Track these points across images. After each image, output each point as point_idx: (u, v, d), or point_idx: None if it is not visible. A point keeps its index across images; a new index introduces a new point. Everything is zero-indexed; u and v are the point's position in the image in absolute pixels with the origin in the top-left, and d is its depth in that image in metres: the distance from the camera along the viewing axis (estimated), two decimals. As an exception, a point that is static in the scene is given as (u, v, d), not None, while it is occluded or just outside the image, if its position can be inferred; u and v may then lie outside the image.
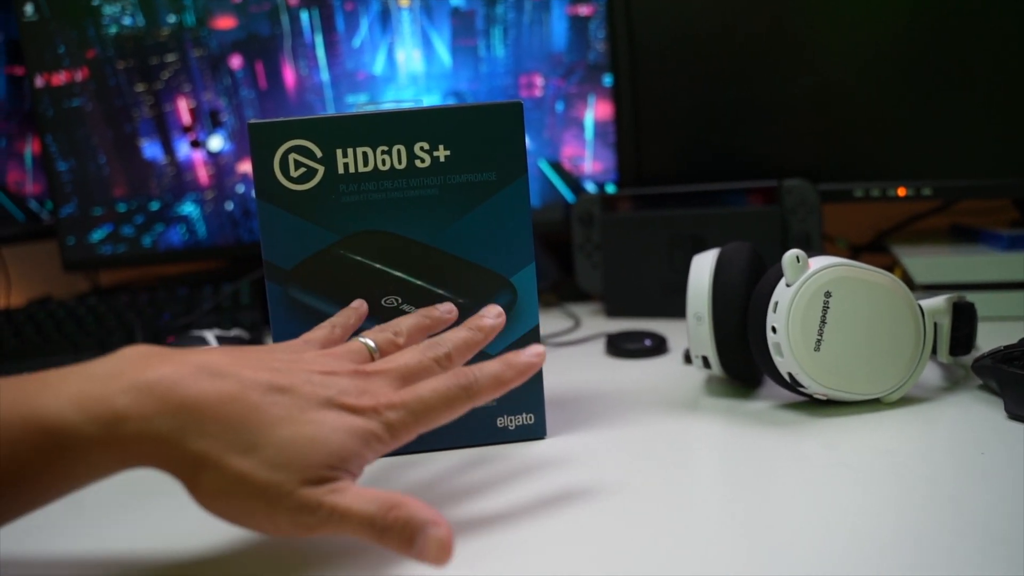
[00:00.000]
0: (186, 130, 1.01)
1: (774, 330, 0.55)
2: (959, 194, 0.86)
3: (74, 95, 1.00)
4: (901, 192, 0.86)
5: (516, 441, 0.56)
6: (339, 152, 0.53)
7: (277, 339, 0.53)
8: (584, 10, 0.97)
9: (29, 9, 0.98)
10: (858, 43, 0.87)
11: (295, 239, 0.53)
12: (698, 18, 0.92)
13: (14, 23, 1.01)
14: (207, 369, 0.39)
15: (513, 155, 0.54)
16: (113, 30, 0.98)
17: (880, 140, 0.88)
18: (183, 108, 1.00)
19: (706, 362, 0.61)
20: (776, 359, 0.55)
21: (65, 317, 0.87)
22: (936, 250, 0.84)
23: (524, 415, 0.56)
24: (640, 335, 0.78)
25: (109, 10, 0.98)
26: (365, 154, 0.53)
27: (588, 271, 0.94)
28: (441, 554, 0.36)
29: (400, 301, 0.54)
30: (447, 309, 0.52)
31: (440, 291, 0.54)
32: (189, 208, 1.02)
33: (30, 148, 1.06)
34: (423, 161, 0.53)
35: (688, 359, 0.71)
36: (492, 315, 0.49)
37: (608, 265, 0.92)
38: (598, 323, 0.90)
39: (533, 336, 0.55)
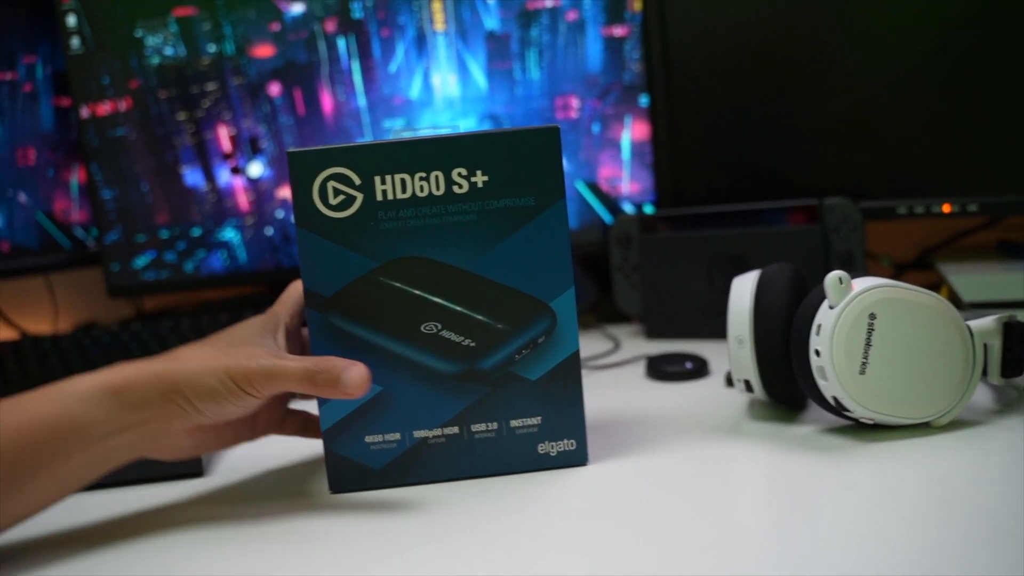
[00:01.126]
0: (226, 157, 1.02)
1: (817, 353, 0.54)
2: (1006, 210, 0.85)
3: (118, 124, 1.02)
4: (946, 209, 0.85)
5: (558, 467, 0.55)
6: (377, 179, 0.53)
7: None
8: (619, 31, 0.96)
9: (75, 42, 1.01)
10: (898, 58, 0.86)
11: (335, 267, 0.53)
12: (733, 36, 0.92)
13: (60, 56, 1.04)
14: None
15: (551, 179, 0.53)
16: (155, 60, 1.00)
17: (923, 155, 0.86)
18: (223, 135, 1.02)
19: (749, 386, 0.60)
20: (820, 383, 0.54)
21: (110, 343, 0.88)
22: (984, 267, 0.82)
23: (566, 441, 0.55)
24: (681, 357, 0.77)
25: (151, 41, 1.00)
26: (403, 181, 0.53)
27: (627, 292, 0.94)
28: (361, 387, 0.49)
29: (440, 327, 0.54)
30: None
31: (479, 316, 0.54)
32: (230, 234, 1.03)
33: (76, 177, 1.08)
34: (461, 187, 0.53)
35: (730, 382, 0.70)
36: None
37: (647, 286, 0.91)
38: (638, 345, 0.89)
39: (573, 361, 0.54)
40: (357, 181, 0.53)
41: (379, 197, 0.53)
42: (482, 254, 0.54)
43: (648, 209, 0.99)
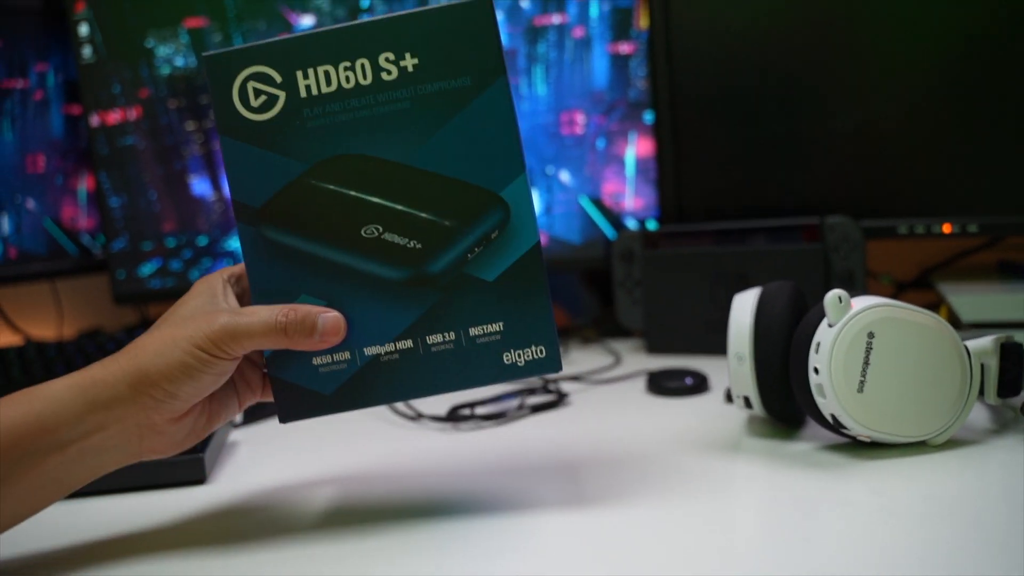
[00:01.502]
0: (234, 167, 1.03)
1: (816, 371, 0.54)
2: (1006, 230, 0.85)
3: (127, 133, 1.03)
4: (946, 229, 0.85)
5: (528, 376, 0.50)
6: (299, 75, 0.50)
7: (254, 286, 0.50)
8: (625, 48, 0.97)
9: (87, 51, 1.02)
10: (900, 79, 0.86)
11: (263, 174, 0.50)
12: (738, 55, 0.93)
13: (72, 65, 1.05)
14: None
15: (488, 56, 0.49)
16: (166, 70, 1.01)
17: (925, 176, 0.87)
18: (231, 146, 1.02)
19: (748, 402, 0.61)
20: (819, 400, 0.55)
21: (115, 350, 0.88)
22: (983, 287, 0.82)
23: (534, 347, 0.50)
24: (681, 373, 0.77)
25: (162, 51, 1.01)
26: (327, 73, 0.50)
27: (629, 307, 0.94)
28: (337, 333, 0.49)
29: (381, 230, 0.50)
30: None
31: (424, 215, 0.50)
32: (236, 243, 1.04)
33: (84, 185, 1.09)
34: (390, 73, 0.49)
35: (729, 398, 0.71)
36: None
37: (649, 302, 0.92)
38: (639, 360, 0.89)
39: (533, 257, 0.50)
40: (278, 79, 0.50)
41: (303, 93, 0.50)
42: (421, 144, 0.50)
43: (651, 225, 1.00)
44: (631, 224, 1.00)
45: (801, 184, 0.92)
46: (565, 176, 0.99)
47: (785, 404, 0.59)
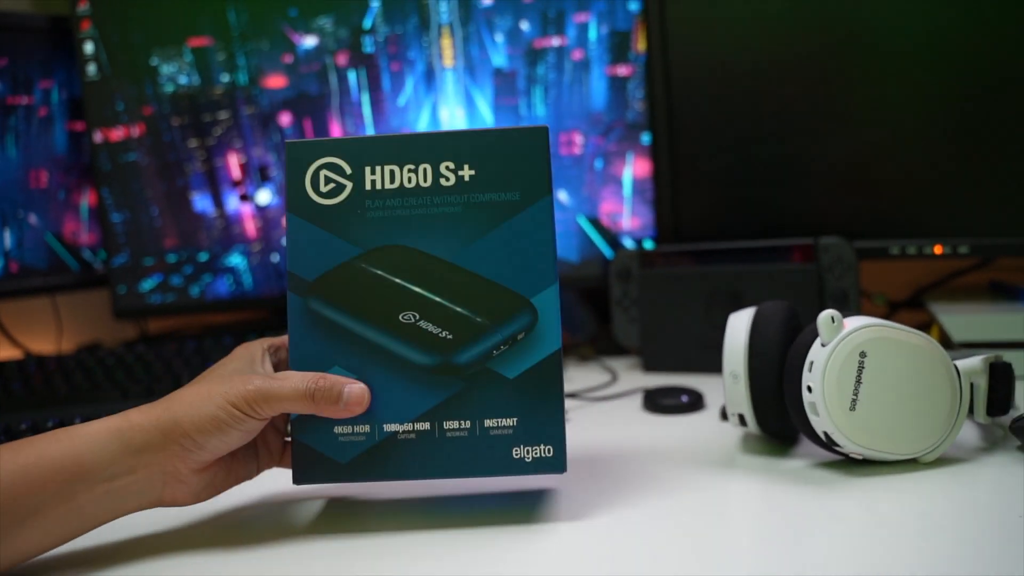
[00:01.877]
0: (236, 184, 1.04)
1: (809, 389, 0.55)
2: (997, 251, 0.87)
3: (130, 150, 1.04)
4: (938, 250, 0.87)
5: (534, 473, 0.52)
6: (367, 169, 0.54)
7: (294, 351, 0.53)
8: (623, 71, 0.99)
9: (92, 69, 1.03)
10: (893, 102, 0.88)
11: (320, 252, 0.54)
12: (735, 78, 0.94)
13: (76, 82, 1.06)
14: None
15: (537, 176, 0.54)
16: (169, 88, 1.03)
17: (917, 198, 0.88)
18: (233, 163, 1.04)
19: (742, 420, 0.62)
20: (812, 418, 0.56)
21: (115, 364, 0.90)
22: (974, 307, 0.84)
23: (543, 446, 0.52)
24: (677, 391, 0.78)
25: (166, 69, 1.02)
26: (392, 172, 0.54)
27: (625, 325, 0.95)
28: (361, 404, 0.52)
29: (418, 317, 0.53)
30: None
31: (459, 309, 0.53)
32: (236, 260, 1.05)
33: (86, 200, 1.10)
34: (447, 179, 0.54)
35: (724, 416, 0.72)
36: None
37: (646, 320, 0.93)
38: (635, 378, 0.90)
39: (554, 361, 0.53)
40: (348, 170, 0.54)
41: (368, 187, 0.54)
42: (466, 246, 0.54)
43: (648, 244, 1.01)
44: (628, 243, 1.01)
45: (795, 205, 0.93)
46: (563, 196, 1.01)
47: (779, 422, 0.60)
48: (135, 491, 0.49)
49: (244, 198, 1.04)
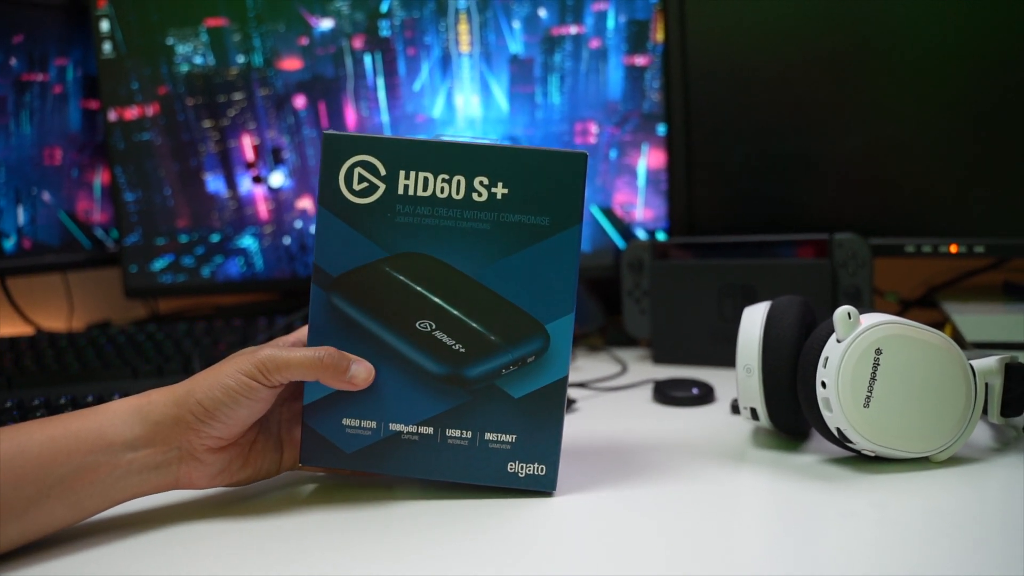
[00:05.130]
0: (249, 166, 1.04)
1: (824, 385, 0.55)
2: (1012, 252, 0.86)
3: (144, 129, 1.04)
4: (953, 249, 0.86)
5: (524, 489, 0.54)
6: (402, 173, 0.54)
7: (312, 342, 0.55)
8: (640, 60, 0.99)
9: (107, 47, 1.03)
10: (910, 99, 0.87)
11: (346, 249, 0.55)
12: (753, 70, 0.94)
13: (92, 60, 1.06)
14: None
15: (571, 203, 0.54)
16: (185, 68, 1.03)
17: (933, 196, 0.88)
18: (247, 145, 1.04)
19: (754, 414, 0.62)
20: (825, 414, 0.56)
21: (125, 343, 0.90)
22: (988, 307, 0.83)
23: (536, 465, 0.54)
24: (688, 383, 0.78)
25: (182, 49, 1.02)
26: (426, 179, 0.54)
27: (636, 317, 0.95)
28: (366, 380, 0.53)
29: (434, 327, 0.55)
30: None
31: (474, 324, 0.54)
32: (248, 241, 1.05)
33: (99, 179, 1.10)
34: (480, 195, 0.54)
35: (736, 409, 0.72)
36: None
37: (657, 312, 0.92)
38: (645, 369, 0.90)
39: (559, 387, 0.54)
40: (383, 172, 0.54)
41: (400, 191, 0.54)
42: (489, 264, 0.54)
43: (661, 236, 1.01)
44: (641, 234, 1.01)
45: (810, 200, 0.93)
46: (576, 185, 1.00)
47: (792, 417, 0.60)
48: (153, 466, 0.51)
49: (257, 180, 1.04)
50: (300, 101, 1.02)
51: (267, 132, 1.03)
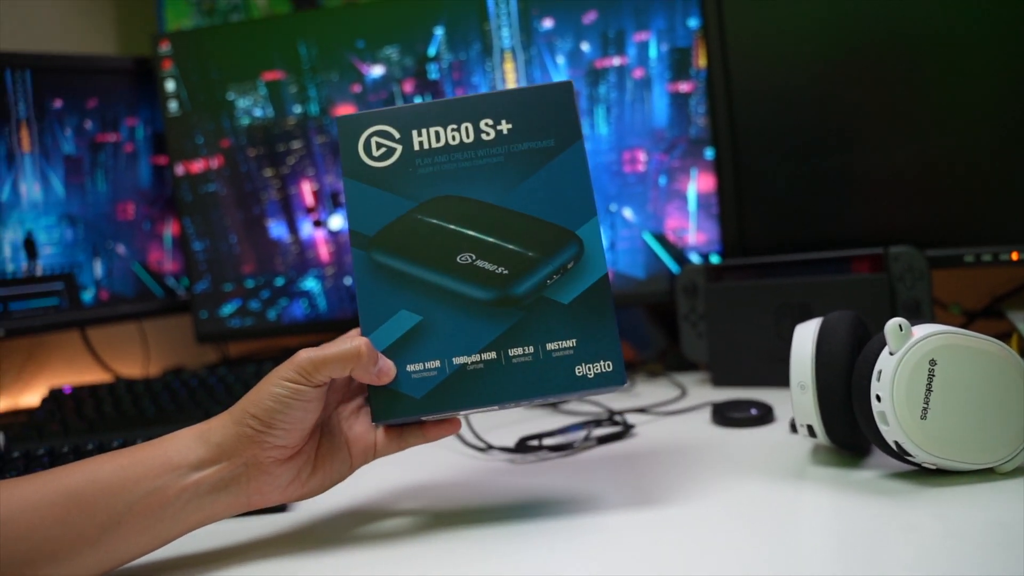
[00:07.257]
0: (309, 211, 1.08)
1: (879, 399, 0.55)
2: (1078, 258, 0.84)
3: (210, 181, 1.09)
4: (1014, 256, 0.85)
5: (596, 387, 0.56)
6: (414, 132, 0.60)
7: (361, 300, 0.57)
8: (684, 87, 1.00)
9: (173, 105, 1.08)
10: (963, 108, 0.87)
11: (378, 209, 0.59)
12: (798, 89, 0.94)
13: (159, 119, 1.12)
14: None
15: (569, 123, 0.59)
16: (245, 121, 1.07)
17: (991, 203, 0.87)
18: (307, 191, 1.07)
19: (811, 431, 0.62)
20: (882, 428, 0.55)
21: (198, 386, 0.93)
22: (1055, 316, 0.81)
23: (602, 363, 0.56)
24: (746, 404, 0.78)
25: (242, 103, 1.07)
26: (437, 132, 0.60)
27: (693, 340, 0.95)
28: (389, 375, 0.55)
29: (475, 257, 0.58)
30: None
31: (511, 246, 0.58)
32: (311, 283, 1.08)
33: (170, 230, 1.15)
34: (488, 135, 0.59)
35: (794, 428, 0.71)
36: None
37: (714, 334, 0.92)
38: (704, 392, 0.90)
39: (602, 285, 0.57)
40: (397, 135, 0.60)
41: (416, 148, 0.59)
42: (511, 190, 0.59)
43: (714, 259, 1.01)
44: (694, 258, 1.01)
45: (863, 215, 0.92)
46: (628, 213, 1.01)
47: (848, 432, 0.60)
48: (222, 485, 0.52)
49: (317, 224, 1.08)
50: (355, 146, 1.06)
51: (325, 178, 1.07)
